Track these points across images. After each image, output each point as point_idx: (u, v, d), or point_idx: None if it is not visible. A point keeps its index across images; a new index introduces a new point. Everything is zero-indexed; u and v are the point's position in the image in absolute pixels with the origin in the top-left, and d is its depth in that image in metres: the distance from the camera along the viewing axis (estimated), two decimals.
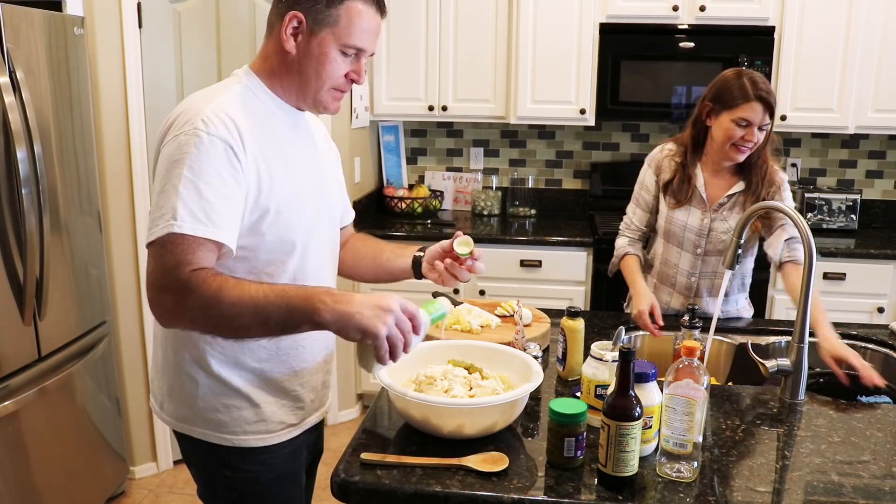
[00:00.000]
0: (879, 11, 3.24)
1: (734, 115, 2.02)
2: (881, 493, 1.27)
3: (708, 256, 2.18)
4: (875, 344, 2.06)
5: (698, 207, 2.17)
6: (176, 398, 1.45)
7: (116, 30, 2.72)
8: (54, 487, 2.47)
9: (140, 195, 2.86)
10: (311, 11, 1.33)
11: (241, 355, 1.41)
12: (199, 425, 1.44)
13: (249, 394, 1.43)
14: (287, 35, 1.35)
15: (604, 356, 1.45)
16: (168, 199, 1.24)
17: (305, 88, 1.40)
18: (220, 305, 1.20)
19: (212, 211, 1.24)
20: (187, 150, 1.25)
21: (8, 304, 2.24)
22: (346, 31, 1.35)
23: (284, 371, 1.46)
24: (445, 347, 1.63)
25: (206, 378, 1.41)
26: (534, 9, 3.40)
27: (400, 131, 3.98)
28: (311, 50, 1.35)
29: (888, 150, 3.72)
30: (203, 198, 1.24)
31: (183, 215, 1.22)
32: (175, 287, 1.22)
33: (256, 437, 1.45)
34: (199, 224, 1.23)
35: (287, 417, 1.48)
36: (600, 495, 1.24)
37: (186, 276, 1.21)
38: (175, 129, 1.29)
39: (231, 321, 1.22)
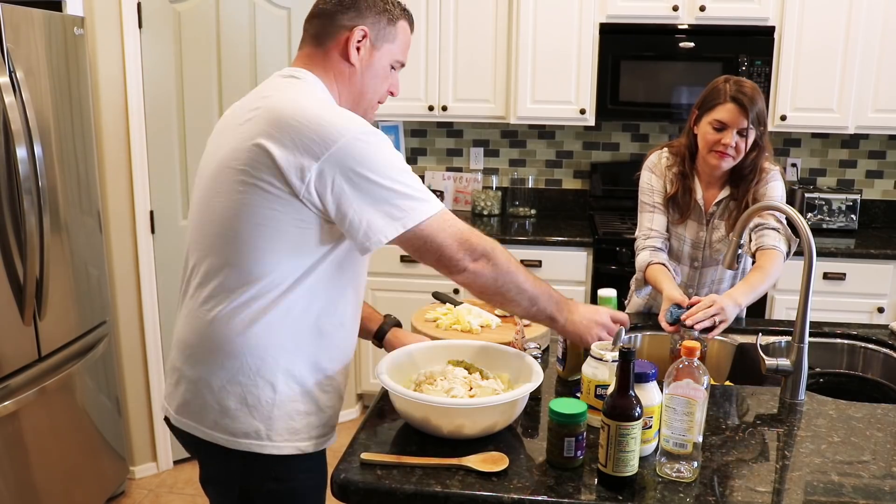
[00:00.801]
0: (879, 11, 3.23)
1: (710, 117, 2.00)
2: (881, 493, 1.27)
3: (705, 269, 2.17)
4: (875, 344, 2.06)
5: (695, 220, 2.15)
6: (246, 413, 1.36)
7: (116, 30, 2.72)
8: (54, 487, 2.47)
9: (140, 195, 2.86)
10: (375, 27, 1.41)
11: (321, 355, 1.40)
12: (271, 438, 1.37)
13: (319, 398, 1.42)
14: (353, 48, 1.40)
15: (604, 356, 1.45)
16: (398, 193, 1.30)
17: (362, 99, 1.46)
18: (518, 276, 1.42)
19: (424, 189, 1.35)
20: (381, 148, 1.31)
21: (8, 304, 2.24)
22: (400, 48, 1.46)
23: (343, 368, 1.47)
24: (445, 347, 1.63)
25: (289, 383, 1.37)
26: (534, 9, 3.40)
27: (400, 131, 3.98)
28: (373, 64, 1.43)
29: (888, 150, 3.72)
30: (415, 178, 1.34)
31: (426, 198, 1.33)
32: (485, 247, 1.38)
33: (319, 441, 1.44)
34: (430, 204, 1.34)
35: (334, 418, 1.49)
36: (600, 495, 1.24)
37: (486, 239, 1.39)
38: (330, 137, 1.26)
39: (518, 292, 1.43)
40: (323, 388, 1.42)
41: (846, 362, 2.09)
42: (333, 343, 1.41)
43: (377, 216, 1.29)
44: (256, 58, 3.05)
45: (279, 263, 1.32)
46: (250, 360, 1.35)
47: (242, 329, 1.34)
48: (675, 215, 2.16)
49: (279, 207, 1.29)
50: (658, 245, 2.17)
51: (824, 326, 2.14)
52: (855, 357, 2.08)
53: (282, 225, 1.30)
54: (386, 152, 1.31)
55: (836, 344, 2.10)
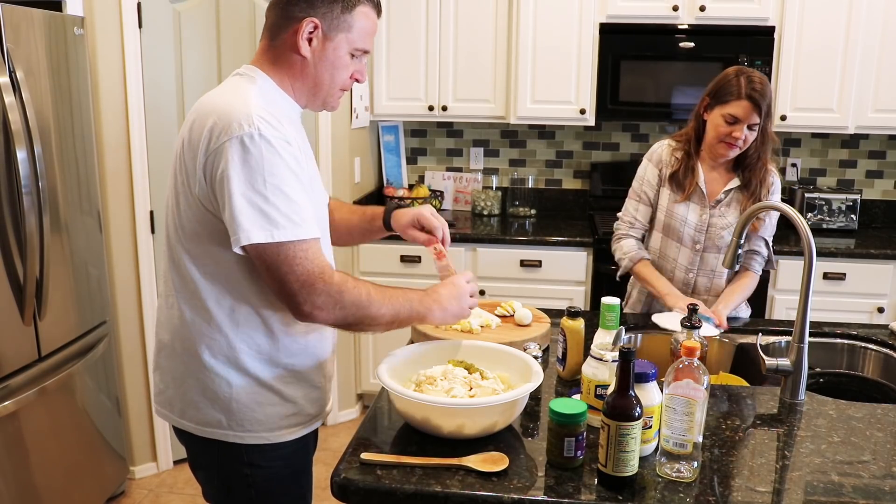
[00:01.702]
0: (879, 11, 3.24)
1: (723, 110, 2.07)
2: (881, 493, 1.27)
3: (707, 253, 2.20)
4: (875, 344, 2.06)
5: (698, 203, 2.20)
6: (208, 404, 1.43)
7: (116, 30, 2.72)
8: (54, 487, 2.47)
9: (140, 195, 2.86)
10: (327, 17, 1.37)
11: (275, 352, 1.44)
12: (233, 428, 1.43)
13: (282, 389, 1.45)
14: (303, 41, 1.37)
15: (604, 356, 1.45)
16: (262, 205, 1.28)
17: (318, 91, 1.44)
18: (370, 309, 1.37)
19: (302, 210, 1.31)
20: (263, 156, 1.28)
21: (8, 304, 2.24)
22: (358, 35, 1.41)
23: (311, 362, 1.49)
24: (445, 347, 1.63)
25: (241, 378, 1.42)
26: (534, 9, 3.40)
27: (400, 131, 3.98)
28: (326, 55, 1.40)
29: (888, 150, 3.72)
30: (291, 200, 1.30)
31: (283, 223, 1.28)
32: (329, 290, 1.32)
33: (289, 431, 1.48)
34: (299, 226, 1.30)
35: (311, 409, 1.52)
36: (600, 495, 1.24)
37: (337, 280, 1.33)
38: (226, 131, 1.29)
39: (372, 321, 1.39)
40: (285, 381, 1.46)
41: (846, 362, 2.09)
42: (289, 338, 1.44)
43: (237, 220, 1.28)
44: None
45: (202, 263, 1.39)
46: (204, 358, 1.42)
47: (191, 328, 1.42)
48: (675, 194, 2.22)
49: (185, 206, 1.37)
50: (639, 236, 2.31)
51: (824, 326, 2.14)
52: (855, 357, 2.08)
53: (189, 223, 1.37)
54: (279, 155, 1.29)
55: (836, 344, 2.10)
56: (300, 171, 1.34)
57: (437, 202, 3.82)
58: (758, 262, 2.22)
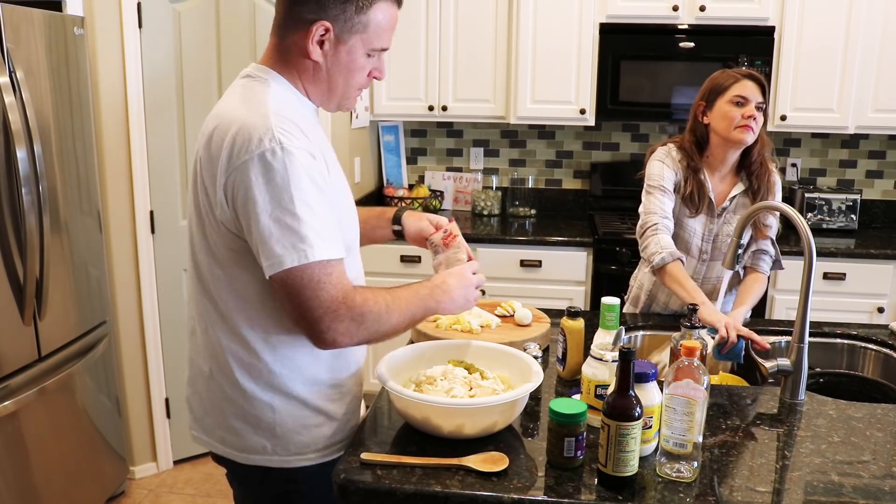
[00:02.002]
0: (879, 11, 3.24)
1: (729, 96, 2.06)
2: (881, 493, 1.27)
3: (713, 262, 2.19)
4: (875, 344, 2.06)
5: (705, 213, 2.16)
6: (248, 430, 1.38)
7: (116, 30, 2.72)
8: (54, 487, 2.47)
9: (140, 195, 2.86)
10: (339, 19, 1.29)
11: (316, 369, 1.39)
12: (278, 453, 1.38)
13: (326, 408, 1.41)
14: (313, 46, 1.30)
15: (604, 356, 1.45)
16: (289, 226, 1.21)
17: (333, 93, 1.38)
18: (391, 319, 1.31)
19: (328, 228, 1.25)
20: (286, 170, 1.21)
21: (8, 304, 2.24)
22: (374, 35, 1.33)
23: (349, 373, 1.46)
24: (445, 347, 1.63)
25: (284, 402, 1.37)
26: (534, 9, 3.40)
27: (400, 131, 3.98)
28: (339, 58, 1.32)
29: (888, 150, 3.72)
30: (318, 217, 1.23)
31: (314, 241, 1.22)
32: (353, 315, 1.26)
33: (334, 450, 1.43)
34: (326, 246, 1.23)
35: (351, 421, 1.48)
36: (600, 495, 1.24)
37: (356, 302, 1.26)
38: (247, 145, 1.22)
39: (392, 330, 1.34)
40: (330, 398, 1.41)
41: (846, 362, 2.09)
42: (329, 354, 1.38)
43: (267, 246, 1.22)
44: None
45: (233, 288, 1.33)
46: (243, 384, 1.36)
47: (228, 355, 1.36)
48: (689, 209, 2.16)
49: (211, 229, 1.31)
50: (670, 230, 2.13)
51: (824, 326, 2.14)
52: (855, 357, 2.08)
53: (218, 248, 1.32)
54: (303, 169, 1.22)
55: (836, 344, 2.10)
56: (325, 185, 1.27)
57: (437, 202, 3.82)
58: (766, 263, 2.16)
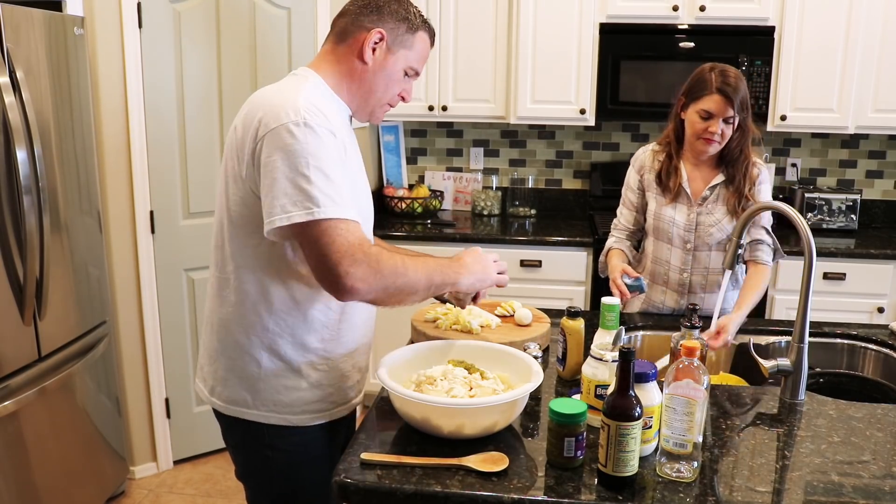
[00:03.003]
0: (879, 11, 3.23)
1: (697, 106, 2.09)
2: (881, 493, 1.27)
3: (698, 252, 2.21)
4: (875, 344, 2.06)
5: (684, 203, 2.21)
6: (235, 382, 1.51)
7: (116, 30, 2.72)
8: (54, 487, 2.47)
9: (140, 195, 2.86)
10: (393, 32, 1.49)
11: (307, 336, 1.49)
12: (257, 407, 1.50)
13: (310, 374, 1.51)
14: (368, 48, 1.47)
15: (604, 356, 1.45)
16: (301, 187, 1.33)
17: (370, 98, 1.53)
18: (407, 276, 1.40)
19: (342, 193, 1.36)
20: (308, 140, 1.34)
21: (8, 304, 2.24)
22: (416, 55, 1.53)
23: (341, 351, 1.55)
24: (445, 347, 1.63)
25: (270, 360, 1.49)
26: (534, 9, 3.40)
27: (400, 131, 3.98)
28: (386, 65, 1.50)
29: (888, 150, 3.72)
30: (333, 183, 1.35)
31: (325, 201, 1.33)
32: (368, 259, 1.34)
33: (311, 417, 1.53)
34: (338, 207, 1.34)
35: (338, 397, 1.57)
36: (600, 495, 1.24)
37: (375, 251, 1.36)
38: (275, 119, 1.35)
39: (409, 288, 1.41)
40: (315, 367, 1.51)
41: (846, 362, 2.09)
42: (321, 324, 1.50)
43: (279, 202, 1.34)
44: (256, 58, 3.05)
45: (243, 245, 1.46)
46: (234, 338, 1.50)
47: (230, 307, 1.49)
48: (664, 196, 2.24)
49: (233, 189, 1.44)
50: (621, 236, 2.36)
51: (824, 326, 2.14)
52: (855, 357, 2.08)
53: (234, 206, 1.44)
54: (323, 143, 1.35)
55: (836, 344, 2.10)
56: (344, 160, 1.41)
57: (438, 202, 3.82)
58: (765, 252, 2.16)
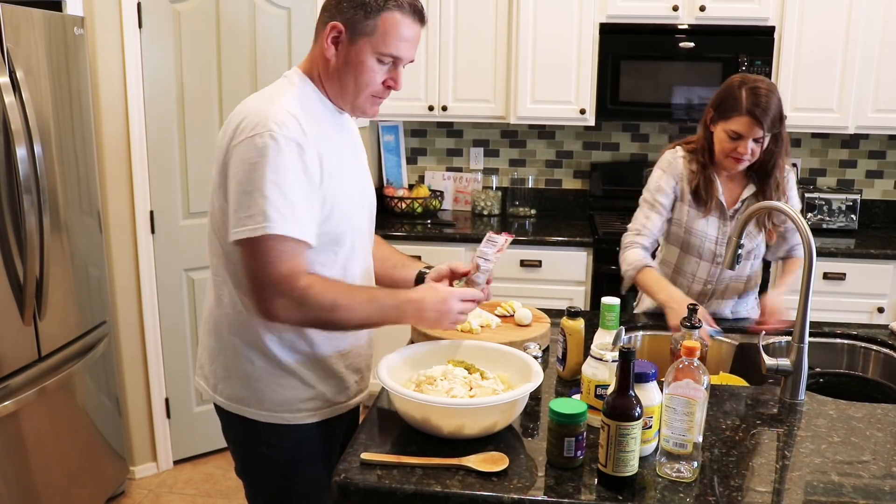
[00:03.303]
0: (879, 11, 3.23)
1: (726, 126, 2.01)
2: (881, 493, 1.27)
3: None
4: (875, 344, 2.06)
5: (716, 216, 2.14)
6: (233, 380, 1.54)
7: (116, 30, 2.72)
8: (54, 487, 2.47)
9: (140, 195, 2.86)
10: (351, 21, 1.42)
11: (296, 338, 1.51)
12: (254, 405, 1.53)
13: (302, 374, 1.53)
14: (328, 44, 1.45)
15: (604, 356, 1.45)
16: (255, 200, 1.34)
17: (345, 94, 1.49)
18: (335, 313, 1.40)
19: (296, 211, 1.36)
20: (266, 153, 1.35)
21: (8, 304, 2.24)
22: (382, 40, 1.43)
23: (332, 352, 1.56)
24: (445, 347, 1.63)
25: (263, 360, 1.51)
26: (534, 9, 3.40)
27: (400, 131, 3.98)
28: (349, 58, 1.45)
29: (888, 150, 3.72)
30: (287, 199, 1.35)
31: (274, 217, 1.33)
32: (294, 295, 1.36)
33: (306, 415, 1.55)
34: (288, 224, 1.35)
35: (333, 397, 1.59)
36: (600, 495, 1.24)
37: (303, 285, 1.36)
38: (244, 131, 1.38)
39: (338, 325, 1.45)
40: (306, 367, 1.54)
41: (846, 362, 2.09)
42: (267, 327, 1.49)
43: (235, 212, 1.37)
44: (256, 58, 3.05)
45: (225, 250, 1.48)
46: (228, 338, 1.53)
47: (224, 308, 1.52)
48: (697, 211, 2.13)
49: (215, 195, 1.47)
50: (647, 245, 2.17)
51: (824, 326, 2.14)
52: (855, 357, 2.08)
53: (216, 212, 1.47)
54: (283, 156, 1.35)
55: (836, 344, 2.10)
56: (307, 175, 1.39)
57: (438, 202, 3.82)
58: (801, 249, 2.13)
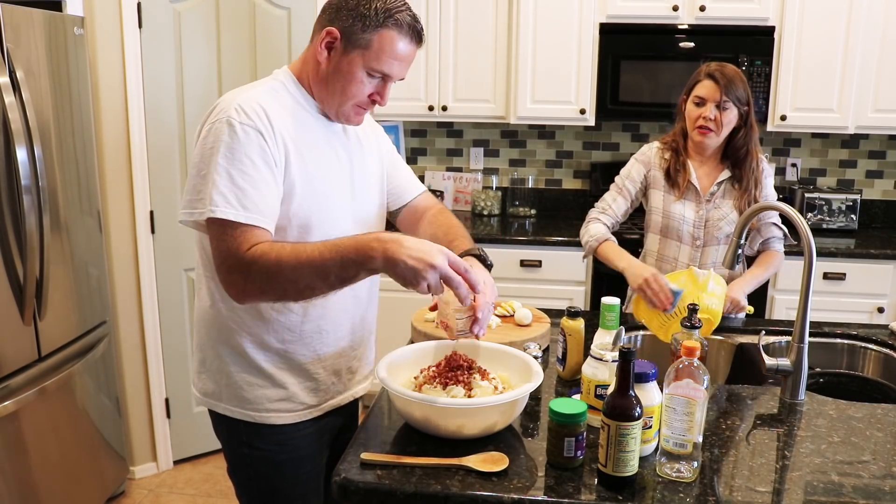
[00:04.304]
0: (879, 12, 3.23)
1: (691, 95, 2.17)
2: (881, 493, 1.27)
3: (707, 247, 2.23)
4: (875, 344, 2.06)
5: (693, 199, 2.24)
6: (206, 374, 1.56)
7: (116, 30, 2.72)
8: (54, 487, 2.47)
9: (140, 195, 2.86)
10: (348, 31, 1.41)
11: (267, 336, 1.50)
12: (224, 400, 1.53)
13: (272, 373, 1.52)
14: (322, 48, 1.43)
15: (604, 356, 1.45)
16: (205, 184, 1.35)
17: (330, 99, 1.48)
18: (283, 272, 1.30)
19: (244, 197, 1.34)
20: (221, 139, 1.36)
21: (8, 304, 2.24)
22: (375, 56, 1.41)
23: (307, 354, 1.54)
24: (445, 347, 1.63)
25: (233, 356, 1.51)
26: (534, 9, 3.40)
27: (400, 131, 3.98)
28: (340, 67, 1.43)
29: (888, 150, 3.72)
30: (235, 184, 1.34)
31: (217, 201, 1.33)
32: (240, 267, 1.33)
33: (277, 416, 1.53)
34: (231, 209, 1.33)
35: (307, 399, 1.56)
36: (600, 495, 1.24)
37: (246, 254, 1.32)
38: (211, 118, 1.40)
39: (295, 283, 1.32)
40: (277, 366, 1.52)
41: (846, 362, 2.09)
42: (281, 325, 1.50)
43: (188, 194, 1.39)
44: (256, 58, 3.05)
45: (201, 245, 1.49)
46: (206, 333, 1.54)
47: (201, 303, 1.55)
48: (670, 193, 2.26)
49: None
50: (609, 224, 2.32)
51: (824, 326, 2.14)
52: (855, 357, 2.08)
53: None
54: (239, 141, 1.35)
55: (836, 344, 2.10)
56: (265, 163, 1.37)
57: None
58: (777, 242, 2.25)
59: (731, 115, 2.13)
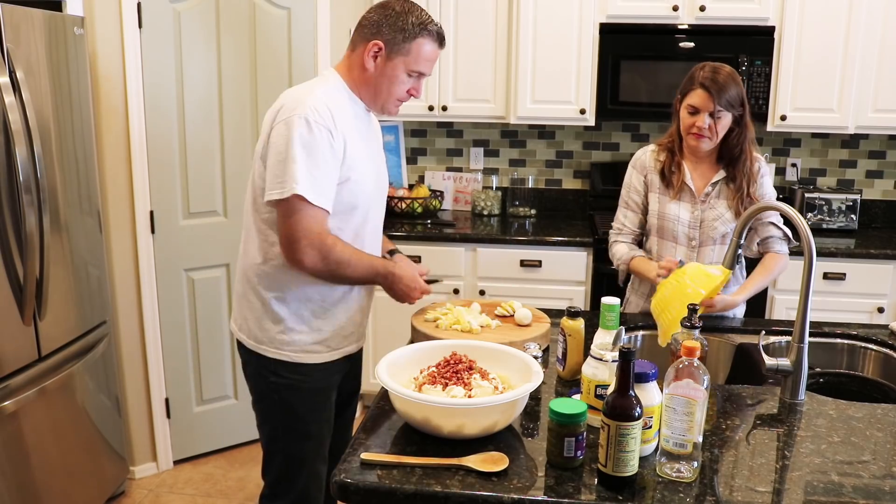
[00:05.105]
0: (879, 12, 3.23)
1: (685, 102, 2.15)
2: (881, 493, 1.27)
3: (703, 248, 2.23)
4: (875, 344, 2.06)
5: (687, 200, 2.24)
6: (251, 320, 1.85)
7: (116, 30, 2.72)
8: (54, 487, 2.47)
9: (140, 195, 2.86)
10: (390, 42, 1.76)
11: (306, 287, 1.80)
12: (264, 343, 1.84)
13: (311, 320, 1.83)
14: (369, 57, 1.77)
15: (604, 356, 1.45)
16: (288, 168, 1.66)
17: (377, 98, 1.83)
18: (345, 269, 1.75)
19: (318, 184, 1.68)
20: (300, 133, 1.66)
21: (8, 304, 2.24)
22: (414, 60, 1.78)
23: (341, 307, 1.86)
24: (445, 347, 1.63)
25: (262, 306, 1.83)
26: (534, 9, 3.40)
27: (400, 131, 3.98)
28: (386, 71, 1.78)
29: (888, 150, 3.72)
30: (311, 172, 1.66)
31: (304, 182, 1.65)
32: (321, 247, 1.70)
33: (311, 356, 1.85)
34: (311, 192, 1.66)
35: (338, 342, 1.88)
36: (600, 495, 1.25)
37: (327, 238, 1.70)
38: (283, 114, 1.70)
39: (348, 278, 1.79)
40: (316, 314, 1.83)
41: (846, 362, 2.09)
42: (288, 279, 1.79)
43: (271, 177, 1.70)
44: (256, 58, 3.05)
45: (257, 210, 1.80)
46: (249, 284, 1.85)
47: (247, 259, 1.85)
48: (665, 194, 2.26)
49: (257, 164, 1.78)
50: (629, 241, 2.35)
51: (824, 326, 2.14)
52: (855, 357, 2.08)
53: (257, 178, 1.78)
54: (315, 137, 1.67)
55: (836, 344, 2.10)
56: (334, 154, 1.70)
57: (437, 202, 3.82)
58: (777, 243, 2.23)
59: (725, 122, 2.12)
